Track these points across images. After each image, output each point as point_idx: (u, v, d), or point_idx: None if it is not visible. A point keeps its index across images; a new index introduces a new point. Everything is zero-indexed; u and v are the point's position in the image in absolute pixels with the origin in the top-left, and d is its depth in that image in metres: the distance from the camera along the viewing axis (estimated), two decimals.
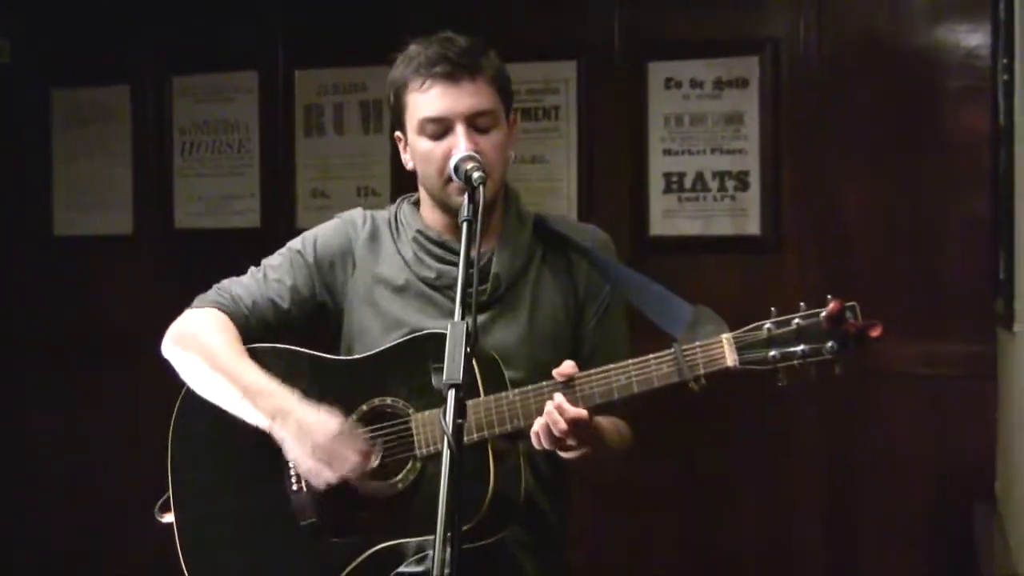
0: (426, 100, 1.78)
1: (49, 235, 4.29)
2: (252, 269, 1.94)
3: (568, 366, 1.68)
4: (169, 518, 1.89)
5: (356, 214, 1.94)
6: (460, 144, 1.75)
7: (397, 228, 1.90)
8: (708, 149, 3.58)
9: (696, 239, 3.59)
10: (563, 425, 1.62)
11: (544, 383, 1.69)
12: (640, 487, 3.38)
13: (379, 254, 1.88)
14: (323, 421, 1.71)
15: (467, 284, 1.55)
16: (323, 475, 1.71)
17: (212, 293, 1.91)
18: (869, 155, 3.46)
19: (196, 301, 1.91)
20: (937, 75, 3.39)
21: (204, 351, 1.83)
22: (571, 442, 1.65)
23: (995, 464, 3.13)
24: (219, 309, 1.87)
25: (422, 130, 1.79)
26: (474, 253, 1.57)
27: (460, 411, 1.45)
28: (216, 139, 4.11)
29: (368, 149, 3.92)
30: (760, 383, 1.64)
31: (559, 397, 1.64)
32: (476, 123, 1.78)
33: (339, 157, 3.96)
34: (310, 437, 1.70)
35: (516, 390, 1.70)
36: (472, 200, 1.64)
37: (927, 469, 3.37)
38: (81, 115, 4.23)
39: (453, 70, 1.76)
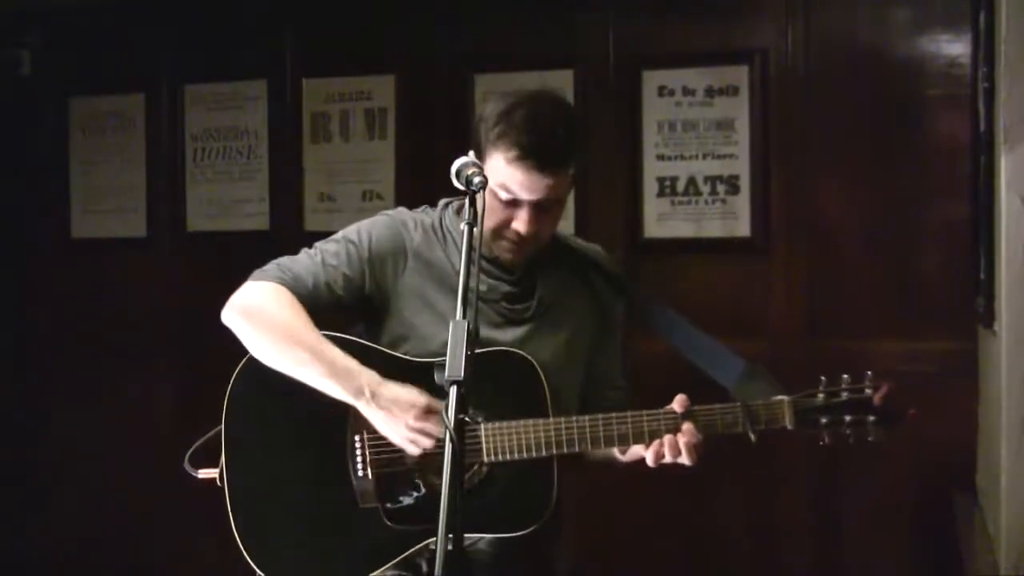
0: (509, 173, 1.85)
1: (67, 237, 4.35)
2: (307, 251, 1.97)
3: (683, 400, 1.89)
4: (205, 473, 1.90)
5: (405, 215, 2.01)
6: (520, 224, 1.86)
7: (444, 236, 1.97)
8: (700, 154, 3.63)
9: (689, 241, 3.63)
10: (693, 454, 1.88)
11: (654, 411, 1.89)
12: (626, 474, 3.48)
13: (430, 258, 1.95)
14: (413, 397, 1.82)
15: (468, 285, 1.59)
16: (417, 445, 1.82)
17: (272, 269, 1.93)
18: (854, 160, 3.51)
19: (256, 274, 1.93)
20: (919, 83, 3.44)
21: (280, 327, 1.86)
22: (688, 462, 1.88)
23: (975, 458, 3.19)
24: (282, 285, 1.90)
25: (494, 187, 1.86)
26: (475, 256, 1.61)
27: (462, 407, 1.51)
28: (227, 145, 4.16)
29: (373, 155, 3.97)
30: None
31: (688, 426, 1.88)
32: (543, 204, 1.87)
33: (345, 162, 4.01)
34: (403, 412, 1.80)
35: (615, 414, 1.87)
36: (473, 205, 1.67)
37: (910, 462, 3.39)
38: (98, 122, 4.29)
39: (543, 165, 1.83)
